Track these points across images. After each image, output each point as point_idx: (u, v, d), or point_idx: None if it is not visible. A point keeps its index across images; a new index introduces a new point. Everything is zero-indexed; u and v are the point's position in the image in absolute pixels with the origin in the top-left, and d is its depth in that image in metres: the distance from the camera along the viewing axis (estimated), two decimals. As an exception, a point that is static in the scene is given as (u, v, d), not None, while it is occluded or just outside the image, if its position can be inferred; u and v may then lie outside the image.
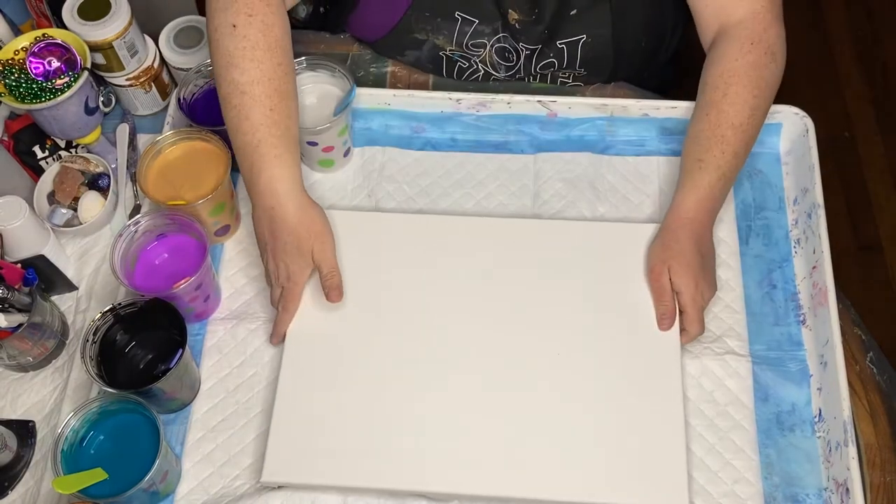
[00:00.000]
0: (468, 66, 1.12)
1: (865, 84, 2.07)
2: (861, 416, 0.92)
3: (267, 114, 0.88)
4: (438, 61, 1.13)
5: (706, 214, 0.92)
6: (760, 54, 0.94)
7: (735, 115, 0.92)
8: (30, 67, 0.95)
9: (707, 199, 0.92)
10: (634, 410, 0.89)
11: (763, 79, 0.94)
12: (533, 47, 1.08)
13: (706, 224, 0.93)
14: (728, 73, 0.93)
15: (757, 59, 0.94)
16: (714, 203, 0.93)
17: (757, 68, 0.93)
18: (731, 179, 0.94)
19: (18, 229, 0.95)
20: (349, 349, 0.93)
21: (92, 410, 0.84)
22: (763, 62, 0.94)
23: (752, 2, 0.96)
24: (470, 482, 0.86)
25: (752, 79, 0.93)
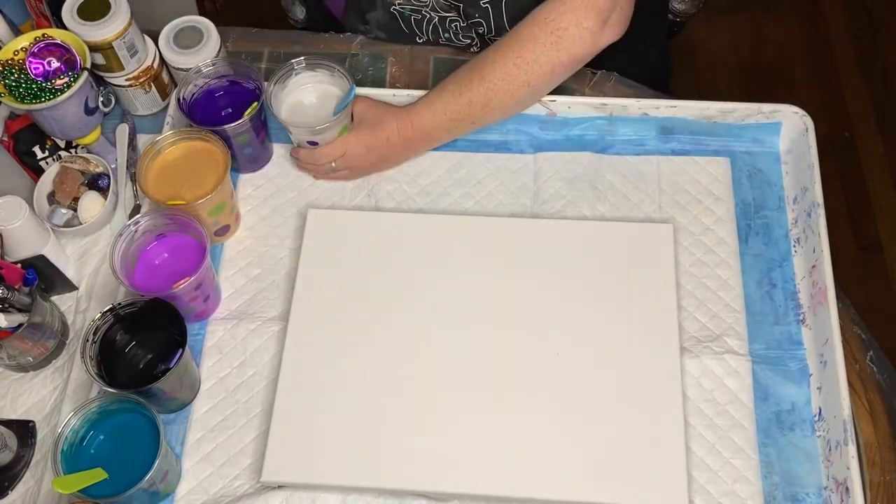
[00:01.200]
0: (421, 17, 1.15)
1: (865, 84, 2.07)
2: (861, 415, 0.92)
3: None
4: (395, 20, 1.16)
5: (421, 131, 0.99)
6: (546, 32, 0.94)
7: (490, 70, 0.96)
8: (29, 67, 0.95)
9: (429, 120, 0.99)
10: (634, 410, 0.89)
11: (533, 55, 0.94)
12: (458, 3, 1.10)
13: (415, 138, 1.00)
14: (514, 32, 0.96)
15: (539, 34, 0.94)
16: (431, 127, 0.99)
17: (535, 43, 0.94)
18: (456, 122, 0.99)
19: (18, 229, 0.95)
20: (349, 349, 0.93)
21: (92, 410, 0.84)
22: (543, 41, 0.94)
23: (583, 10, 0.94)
24: (470, 482, 0.86)
25: (524, 50, 0.94)
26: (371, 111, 1.00)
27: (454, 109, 0.98)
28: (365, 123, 1.00)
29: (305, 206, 1.04)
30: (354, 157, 1.01)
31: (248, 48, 1.19)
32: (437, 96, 0.98)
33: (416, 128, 0.99)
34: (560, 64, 0.95)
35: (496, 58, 0.96)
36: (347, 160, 1.01)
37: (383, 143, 1.00)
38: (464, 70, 0.98)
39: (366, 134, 1.00)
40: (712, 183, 1.04)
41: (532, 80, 0.96)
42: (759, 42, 2.14)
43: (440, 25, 1.16)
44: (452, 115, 0.98)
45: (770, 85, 2.07)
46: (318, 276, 0.97)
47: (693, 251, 0.99)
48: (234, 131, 0.99)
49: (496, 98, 0.97)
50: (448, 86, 0.98)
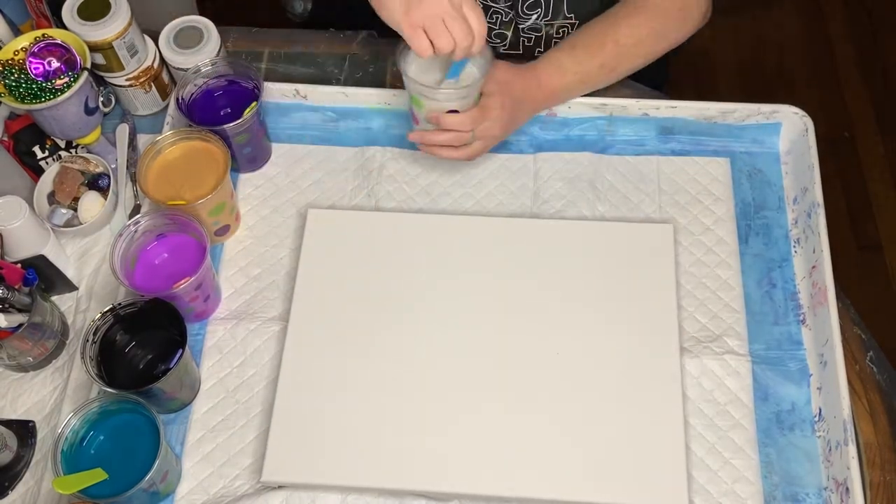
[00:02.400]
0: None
1: (865, 84, 2.07)
2: (861, 416, 0.92)
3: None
4: None
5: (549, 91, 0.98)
6: (676, 8, 0.99)
7: (624, 36, 0.97)
8: (30, 67, 0.95)
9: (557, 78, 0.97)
10: (634, 410, 0.89)
11: (666, 28, 1.00)
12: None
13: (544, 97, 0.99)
14: (640, 4, 0.99)
15: (670, 8, 0.99)
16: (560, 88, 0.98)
17: (667, 16, 0.99)
18: (584, 84, 0.99)
19: (18, 229, 0.95)
20: (349, 349, 0.93)
21: (92, 410, 0.84)
22: (673, 15, 1.00)
23: None
24: (470, 482, 0.86)
25: (658, 19, 0.99)
26: (505, 73, 0.96)
27: (585, 71, 0.98)
28: (499, 86, 0.95)
29: (305, 206, 1.04)
30: (496, 124, 0.95)
31: (248, 48, 1.19)
32: (569, 56, 0.97)
33: (545, 89, 0.98)
34: (676, 41, 1.00)
35: (631, 23, 0.97)
36: (486, 128, 0.95)
37: (517, 105, 0.97)
38: (591, 33, 0.98)
39: (506, 97, 0.95)
40: (712, 183, 1.04)
41: (657, 50, 1.00)
42: (759, 42, 2.14)
43: (484, 4, 1.13)
44: (582, 76, 0.98)
45: (770, 85, 2.07)
46: (318, 276, 0.97)
47: (693, 251, 0.99)
48: (233, 131, 0.99)
49: (625, 63, 0.99)
50: (578, 46, 0.98)
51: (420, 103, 0.94)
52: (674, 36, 1.01)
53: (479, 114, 0.93)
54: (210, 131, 0.98)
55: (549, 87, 0.98)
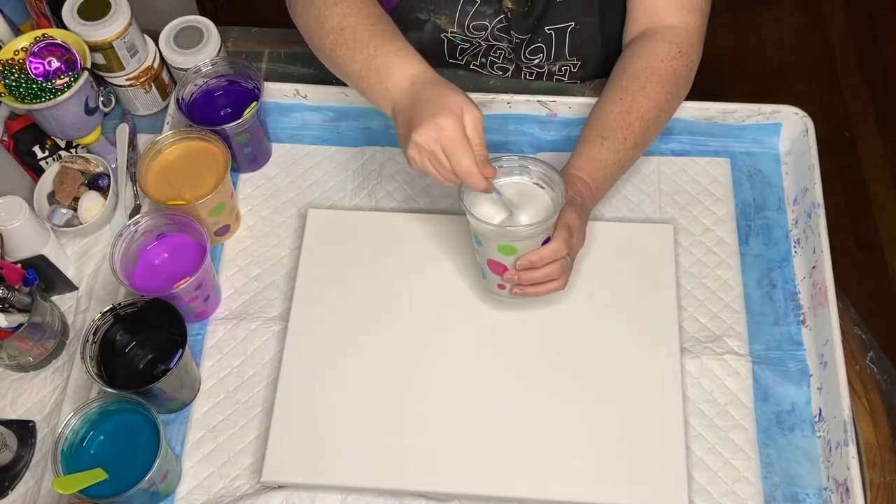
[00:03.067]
0: (469, 46, 1.12)
1: (865, 84, 2.07)
2: (861, 416, 0.92)
3: (371, 28, 0.87)
4: (439, 44, 1.13)
5: (595, 186, 0.91)
6: (683, 65, 0.96)
7: (647, 110, 0.93)
8: (30, 67, 0.95)
9: (601, 175, 0.91)
10: (634, 410, 0.89)
11: (679, 88, 0.96)
12: (523, 36, 1.08)
13: (592, 197, 0.91)
14: (652, 69, 0.94)
15: (680, 67, 0.96)
16: (604, 181, 0.92)
17: (677, 76, 0.95)
18: (622, 170, 0.94)
19: (18, 229, 0.95)
20: (349, 349, 0.93)
21: (92, 410, 0.84)
22: (683, 73, 0.96)
23: (686, 14, 0.97)
24: (470, 482, 0.86)
25: (671, 83, 0.95)
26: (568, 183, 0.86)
27: (622, 157, 0.92)
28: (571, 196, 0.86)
29: (305, 206, 1.04)
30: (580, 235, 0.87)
31: (248, 48, 1.19)
32: (602, 148, 0.91)
33: (593, 188, 0.90)
34: (688, 90, 0.98)
35: (649, 95, 0.93)
36: (576, 242, 0.86)
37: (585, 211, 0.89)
38: (615, 116, 0.92)
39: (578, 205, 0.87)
40: (712, 183, 1.04)
41: (673, 111, 0.98)
42: (759, 42, 2.14)
43: (483, 52, 1.14)
44: (621, 163, 0.92)
45: (770, 85, 2.07)
46: (318, 276, 0.97)
47: (693, 252, 0.99)
48: (233, 131, 0.99)
49: (651, 136, 0.96)
50: (607, 134, 0.91)
51: (512, 248, 0.84)
52: (684, 94, 0.99)
53: (567, 233, 0.84)
54: (210, 131, 0.98)
55: (595, 185, 0.90)
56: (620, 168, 0.93)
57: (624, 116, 0.92)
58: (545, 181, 0.85)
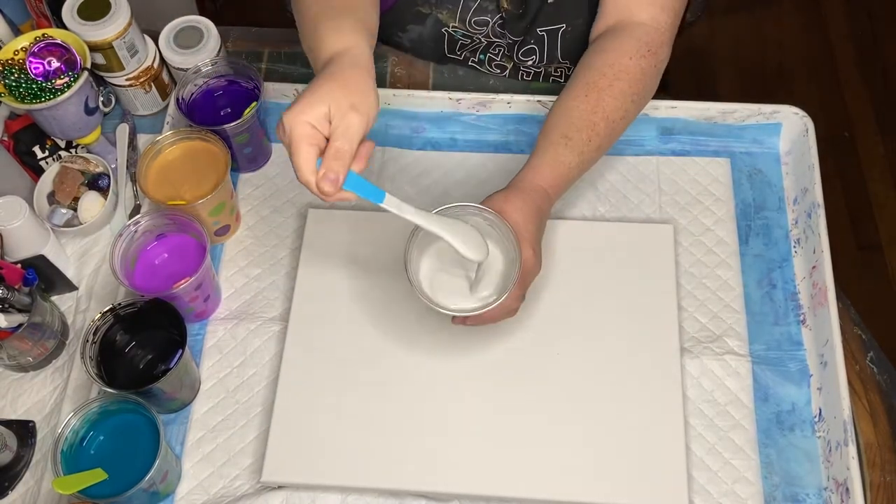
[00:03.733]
0: (470, 41, 1.12)
1: (865, 84, 2.07)
2: (861, 416, 0.92)
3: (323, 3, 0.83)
4: (440, 38, 1.13)
5: (555, 192, 0.88)
6: (651, 65, 0.92)
7: (613, 111, 0.89)
8: (30, 67, 0.95)
9: (563, 178, 0.88)
10: (634, 410, 0.89)
11: (646, 88, 0.92)
12: (517, 38, 1.08)
13: (550, 202, 0.88)
14: (619, 67, 0.90)
15: (648, 67, 0.91)
16: (565, 185, 0.89)
17: (645, 76, 0.91)
18: (583, 172, 0.90)
19: (18, 229, 0.95)
20: (349, 349, 0.93)
21: (92, 410, 0.84)
22: (651, 73, 0.92)
23: (659, 11, 0.93)
24: (470, 482, 0.86)
25: (638, 83, 0.91)
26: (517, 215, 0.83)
27: (585, 159, 0.89)
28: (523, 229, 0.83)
29: (305, 206, 1.04)
30: (536, 267, 0.85)
31: (248, 48, 1.19)
32: (566, 149, 0.88)
33: (553, 193, 0.88)
34: (654, 92, 0.94)
35: (615, 95, 0.89)
36: (533, 276, 0.85)
37: (541, 230, 0.86)
38: (579, 115, 0.89)
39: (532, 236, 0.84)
40: (712, 183, 1.04)
41: (638, 112, 0.93)
42: (759, 42, 2.14)
43: (482, 48, 1.14)
44: (583, 165, 0.89)
45: (770, 85, 2.07)
46: (318, 276, 0.97)
47: (693, 252, 0.99)
48: (233, 131, 0.99)
49: (615, 136, 0.92)
50: (571, 134, 0.88)
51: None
52: (651, 94, 0.95)
53: (520, 291, 0.84)
54: (210, 131, 0.98)
55: (555, 190, 0.88)
56: (582, 170, 0.90)
57: (589, 116, 0.89)
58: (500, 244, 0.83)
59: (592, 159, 0.90)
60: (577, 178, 0.90)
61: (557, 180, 0.88)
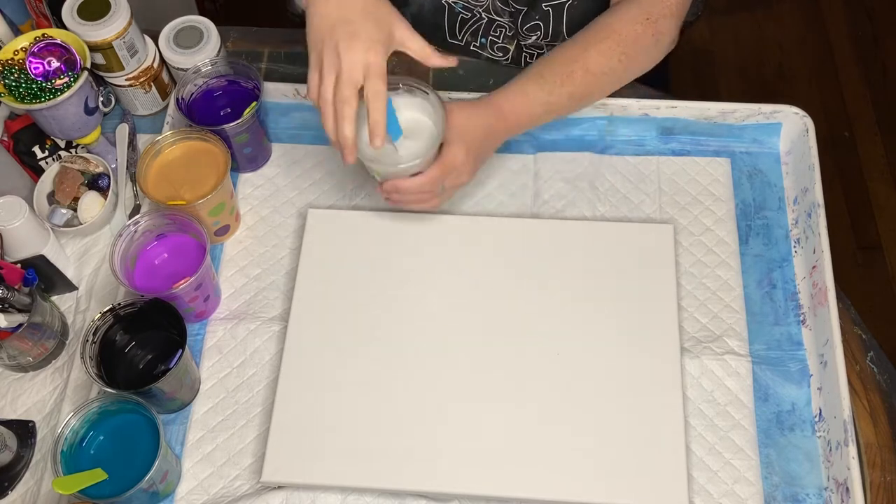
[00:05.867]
0: (470, 17, 1.12)
1: (865, 84, 2.08)
2: (861, 416, 0.92)
3: None
4: (441, 13, 1.13)
5: (514, 119, 0.92)
6: (648, 33, 0.94)
7: (595, 64, 0.93)
8: (29, 67, 0.95)
9: (525, 109, 0.92)
10: (634, 410, 0.89)
11: (638, 54, 0.95)
12: (521, 6, 1.08)
13: (507, 129, 0.93)
14: (613, 28, 0.94)
15: (644, 34, 0.94)
16: (527, 117, 0.93)
17: (638, 41, 0.94)
18: (551, 114, 0.94)
19: (18, 229, 0.95)
20: (349, 349, 0.93)
21: (92, 410, 0.84)
22: (645, 41, 0.95)
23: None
24: (470, 482, 0.86)
25: (629, 45, 0.94)
26: (463, 116, 0.90)
27: (554, 100, 0.93)
28: (462, 131, 0.89)
29: (305, 206, 1.04)
30: (464, 171, 0.91)
31: (248, 48, 1.19)
32: (536, 85, 0.92)
33: (510, 119, 0.93)
34: (644, 68, 0.96)
35: (601, 51, 0.93)
36: (459, 175, 0.91)
37: (482, 147, 0.92)
38: (560, 59, 0.94)
39: (470, 142, 0.89)
40: (712, 183, 1.04)
41: (626, 78, 0.96)
42: (760, 42, 2.14)
43: (483, 29, 1.14)
44: (550, 106, 0.93)
45: (770, 85, 2.07)
46: (318, 276, 0.97)
47: (693, 252, 0.99)
48: (233, 131, 0.99)
49: (596, 91, 0.96)
50: (546, 75, 0.93)
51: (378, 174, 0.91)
52: (644, 63, 0.97)
53: (441, 172, 0.89)
54: (210, 131, 0.98)
55: (514, 118, 0.93)
56: (549, 111, 0.94)
57: (568, 64, 0.93)
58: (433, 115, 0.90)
59: (563, 105, 0.95)
60: (541, 117, 0.94)
61: (518, 108, 0.92)
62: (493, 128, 0.91)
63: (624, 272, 0.96)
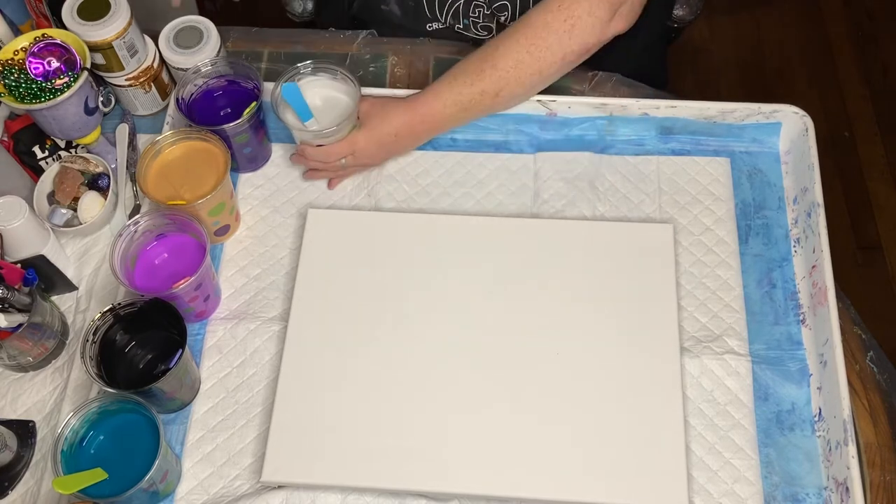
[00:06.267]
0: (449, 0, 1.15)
1: (865, 84, 2.07)
2: (861, 416, 0.92)
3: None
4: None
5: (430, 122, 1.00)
6: (560, 19, 0.94)
7: (501, 59, 0.96)
8: (29, 67, 0.95)
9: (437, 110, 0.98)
10: (634, 410, 0.89)
11: (548, 42, 0.95)
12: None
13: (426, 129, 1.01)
14: (526, 19, 0.96)
15: (554, 21, 0.94)
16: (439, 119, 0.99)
17: (548, 29, 0.94)
18: (466, 111, 0.99)
19: (18, 229, 0.95)
20: (349, 349, 0.93)
21: (92, 410, 0.84)
22: (557, 28, 0.94)
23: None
24: (470, 482, 0.86)
25: (537, 36, 0.95)
26: (377, 108, 0.99)
27: (466, 100, 0.97)
28: (372, 120, 0.99)
29: (305, 206, 1.04)
30: (364, 155, 1.01)
31: (248, 48, 1.19)
32: (448, 86, 0.98)
33: (426, 119, 0.99)
34: (571, 52, 0.96)
35: (508, 45, 0.95)
36: (358, 157, 1.01)
37: (392, 138, 1.00)
38: (474, 59, 0.97)
39: (375, 131, 0.99)
40: (712, 183, 1.04)
41: (544, 67, 0.96)
42: (759, 42, 2.14)
43: (463, 10, 1.15)
44: (464, 105, 0.98)
45: (770, 85, 2.07)
46: (318, 276, 0.97)
47: (693, 251, 0.99)
48: (233, 131, 0.99)
49: (508, 86, 0.97)
50: (458, 75, 0.98)
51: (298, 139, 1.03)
52: (560, 51, 0.95)
53: (340, 148, 0.99)
54: (210, 131, 0.98)
55: (430, 119, 0.99)
56: (465, 110, 0.98)
57: (480, 63, 0.97)
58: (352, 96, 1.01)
59: (477, 103, 0.98)
60: (458, 115, 0.99)
61: (432, 108, 0.99)
62: (409, 125, 0.99)
63: (624, 272, 0.96)
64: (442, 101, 0.98)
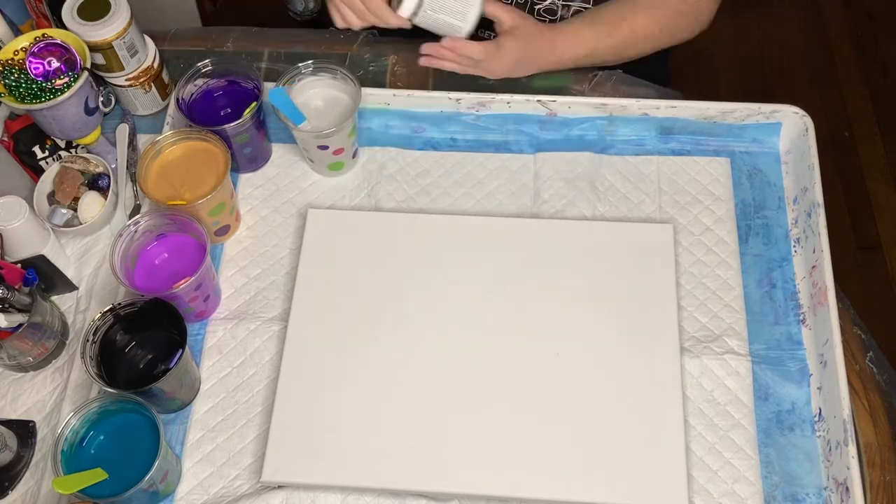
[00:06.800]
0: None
1: (865, 84, 2.08)
2: (861, 416, 0.92)
3: None
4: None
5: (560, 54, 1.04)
6: (690, 10, 1.06)
7: (639, 26, 1.04)
8: (29, 67, 0.95)
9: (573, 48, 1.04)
10: (634, 410, 0.89)
11: (677, 27, 1.06)
12: None
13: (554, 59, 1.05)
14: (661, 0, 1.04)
15: (687, 9, 1.05)
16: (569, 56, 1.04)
17: (680, 15, 1.05)
18: (591, 58, 1.06)
19: (18, 229, 0.95)
20: (349, 349, 0.93)
21: (92, 410, 0.84)
22: (687, 16, 1.06)
23: None
24: (470, 482, 0.86)
25: (671, 17, 1.05)
26: (527, 24, 1.02)
27: (598, 48, 1.04)
28: (521, 34, 1.01)
29: (305, 206, 1.04)
30: (500, 62, 1.03)
31: (248, 48, 1.19)
32: (589, 30, 1.04)
33: (558, 53, 1.04)
34: (681, 41, 1.06)
35: (648, 16, 1.03)
36: (492, 63, 1.02)
37: (527, 59, 1.03)
38: (613, 12, 1.04)
39: (520, 46, 1.02)
40: (712, 183, 1.04)
41: (662, 46, 1.05)
42: (760, 42, 2.14)
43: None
44: (593, 52, 1.04)
45: (770, 85, 2.07)
46: (318, 276, 0.97)
47: (693, 251, 0.99)
48: (233, 131, 0.99)
49: (632, 50, 1.05)
50: (598, 24, 1.04)
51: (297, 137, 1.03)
52: (682, 36, 1.07)
53: (493, 50, 1.01)
54: (210, 131, 0.98)
55: (562, 53, 1.04)
56: (592, 56, 1.05)
57: (618, 18, 1.04)
58: (351, 95, 1.01)
59: (603, 53, 1.05)
60: (583, 59, 1.05)
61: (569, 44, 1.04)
62: (543, 53, 1.03)
63: (623, 272, 0.96)
64: (581, 41, 1.03)
